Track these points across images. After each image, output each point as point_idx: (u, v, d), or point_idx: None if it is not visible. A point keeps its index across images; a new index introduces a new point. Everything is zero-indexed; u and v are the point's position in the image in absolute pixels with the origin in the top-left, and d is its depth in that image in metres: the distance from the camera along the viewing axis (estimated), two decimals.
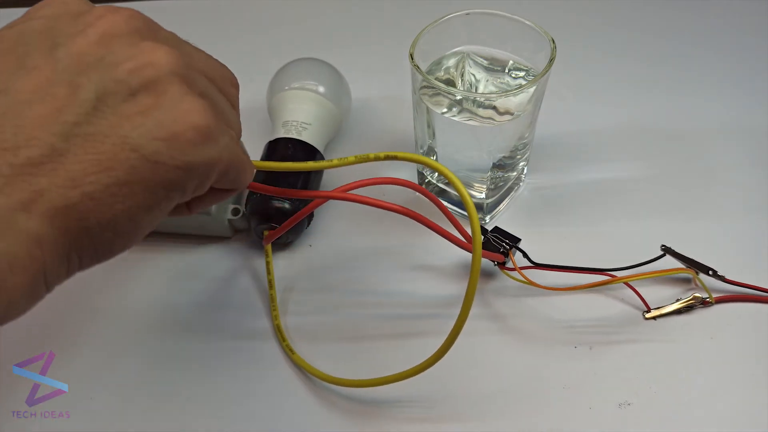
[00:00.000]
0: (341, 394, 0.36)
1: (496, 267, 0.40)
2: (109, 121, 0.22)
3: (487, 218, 0.44)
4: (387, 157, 0.32)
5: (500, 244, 0.39)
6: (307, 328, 0.39)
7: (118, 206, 0.22)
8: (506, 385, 0.36)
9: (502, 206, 0.45)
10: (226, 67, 0.28)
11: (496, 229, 0.40)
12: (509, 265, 0.39)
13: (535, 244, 0.40)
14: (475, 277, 0.31)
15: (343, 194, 0.35)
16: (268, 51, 0.52)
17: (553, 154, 0.48)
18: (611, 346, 0.37)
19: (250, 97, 0.50)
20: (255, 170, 0.30)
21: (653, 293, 0.39)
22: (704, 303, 0.39)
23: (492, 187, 0.42)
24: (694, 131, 0.50)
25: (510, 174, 0.43)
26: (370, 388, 0.35)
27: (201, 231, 0.43)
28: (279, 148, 0.43)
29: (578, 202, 0.45)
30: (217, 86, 0.27)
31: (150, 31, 0.25)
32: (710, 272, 0.39)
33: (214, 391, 0.36)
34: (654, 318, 0.38)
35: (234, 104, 0.28)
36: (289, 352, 0.37)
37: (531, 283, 0.38)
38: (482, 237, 0.38)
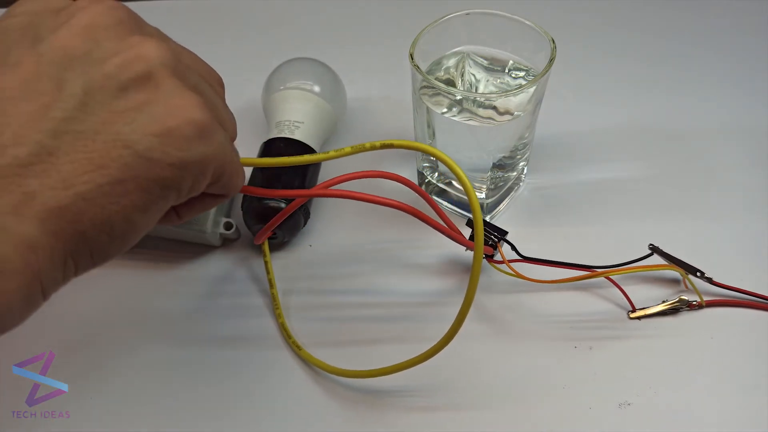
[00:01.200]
0: (349, 386, 0.36)
1: (484, 260, 0.40)
2: (99, 118, 0.21)
3: (487, 218, 0.44)
4: (383, 146, 0.31)
5: (488, 237, 0.39)
6: (309, 326, 0.39)
7: (112, 207, 0.21)
8: (506, 385, 0.36)
9: (502, 206, 0.45)
10: (212, 67, 0.28)
11: (483, 222, 0.40)
12: (497, 258, 0.39)
13: (535, 244, 0.40)
14: (479, 263, 0.30)
15: (324, 191, 0.34)
16: (269, 51, 0.52)
17: (553, 154, 0.48)
18: (611, 346, 0.37)
19: (248, 97, 0.51)
20: (245, 176, 0.29)
21: (642, 293, 0.39)
22: (690, 306, 0.38)
23: (492, 187, 0.42)
24: (694, 131, 0.50)
25: (510, 174, 0.43)
26: (375, 381, 0.35)
27: (189, 239, 0.42)
28: (273, 148, 0.43)
29: (578, 202, 0.45)
30: (207, 83, 0.26)
31: (135, 23, 0.24)
32: (698, 274, 0.39)
33: (217, 389, 0.37)
34: (638, 318, 0.38)
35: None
36: (296, 348, 0.37)
37: (519, 275, 0.38)
38: (469, 230, 0.38)
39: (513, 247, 0.39)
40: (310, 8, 0.63)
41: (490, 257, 0.39)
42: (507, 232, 0.39)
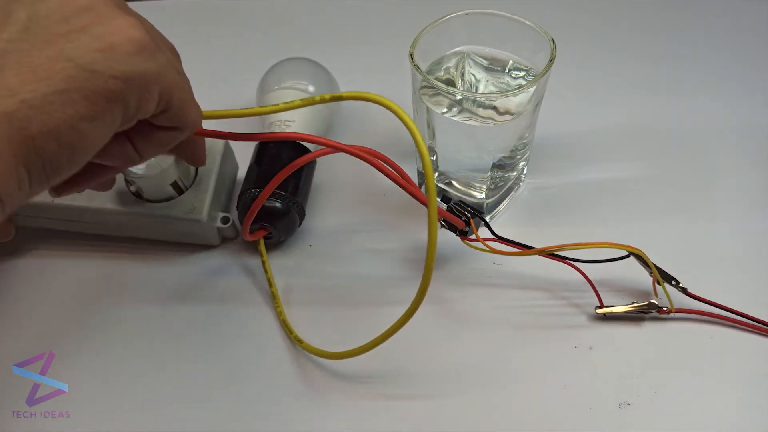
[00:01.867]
0: (351, 376, 0.36)
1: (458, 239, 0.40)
2: (43, 39, 0.23)
3: (488, 218, 0.44)
4: (333, 98, 0.33)
5: (462, 213, 0.39)
6: (309, 322, 0.39)
7: (58, 114, 0.23)
8: (505, 385, 0.36)
9: (502, 206, 0.45)
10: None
11: (460, 203, 0.40)
12: (472, 237, 0.39)
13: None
14: (433, 211, 0.31)
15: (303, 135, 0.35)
16: (268, 51, 0.52)
17: (553, 154, 0.48)
18: (611, 346, 0.38)
19: (247, 97, 0.51)
20: (202, 112, 0.30)
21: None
22: (660, 311, 0.38)
23: (492, 187, 0.42)
24: (694, 131, 0.50)
25: (510, 174, 0.43)
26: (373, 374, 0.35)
27: (189, 239, 0.42)
28: (267, 148, 0.43)
29: (578, 202, 0.45)
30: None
31: None
32: (673, 282, 0.38)
33: (218, 388, 0.37)
34: (604, 315, 0.38)
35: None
36: (297, 342, 0.37)
37: (493, 250, 0.38)
38: (444, 205, 0.39)
39: (487, 225, 0.39)
40: (310, 8, 0.63)
41: (464, 235, 0.39)
42: (483, 212, 0.39)
